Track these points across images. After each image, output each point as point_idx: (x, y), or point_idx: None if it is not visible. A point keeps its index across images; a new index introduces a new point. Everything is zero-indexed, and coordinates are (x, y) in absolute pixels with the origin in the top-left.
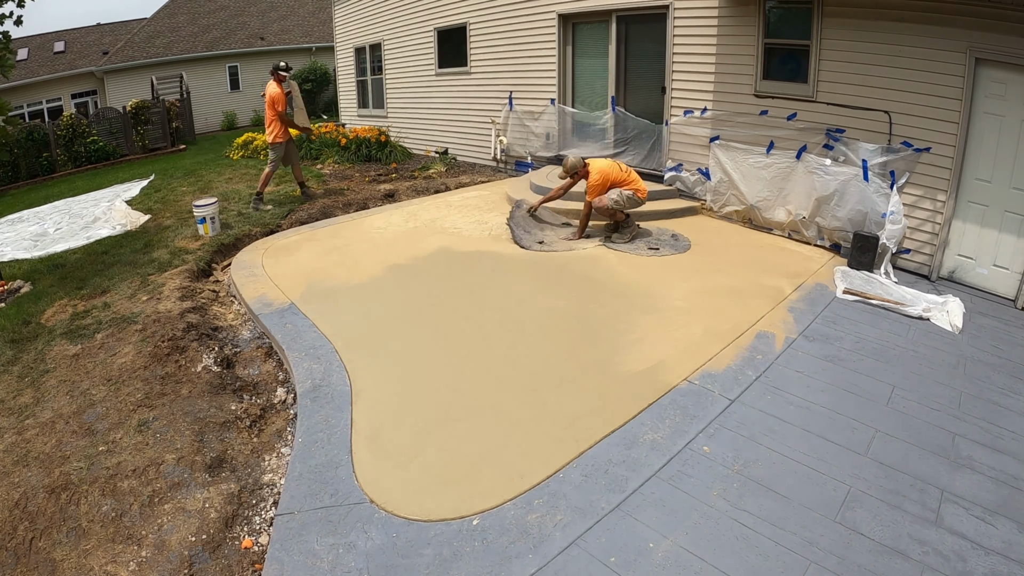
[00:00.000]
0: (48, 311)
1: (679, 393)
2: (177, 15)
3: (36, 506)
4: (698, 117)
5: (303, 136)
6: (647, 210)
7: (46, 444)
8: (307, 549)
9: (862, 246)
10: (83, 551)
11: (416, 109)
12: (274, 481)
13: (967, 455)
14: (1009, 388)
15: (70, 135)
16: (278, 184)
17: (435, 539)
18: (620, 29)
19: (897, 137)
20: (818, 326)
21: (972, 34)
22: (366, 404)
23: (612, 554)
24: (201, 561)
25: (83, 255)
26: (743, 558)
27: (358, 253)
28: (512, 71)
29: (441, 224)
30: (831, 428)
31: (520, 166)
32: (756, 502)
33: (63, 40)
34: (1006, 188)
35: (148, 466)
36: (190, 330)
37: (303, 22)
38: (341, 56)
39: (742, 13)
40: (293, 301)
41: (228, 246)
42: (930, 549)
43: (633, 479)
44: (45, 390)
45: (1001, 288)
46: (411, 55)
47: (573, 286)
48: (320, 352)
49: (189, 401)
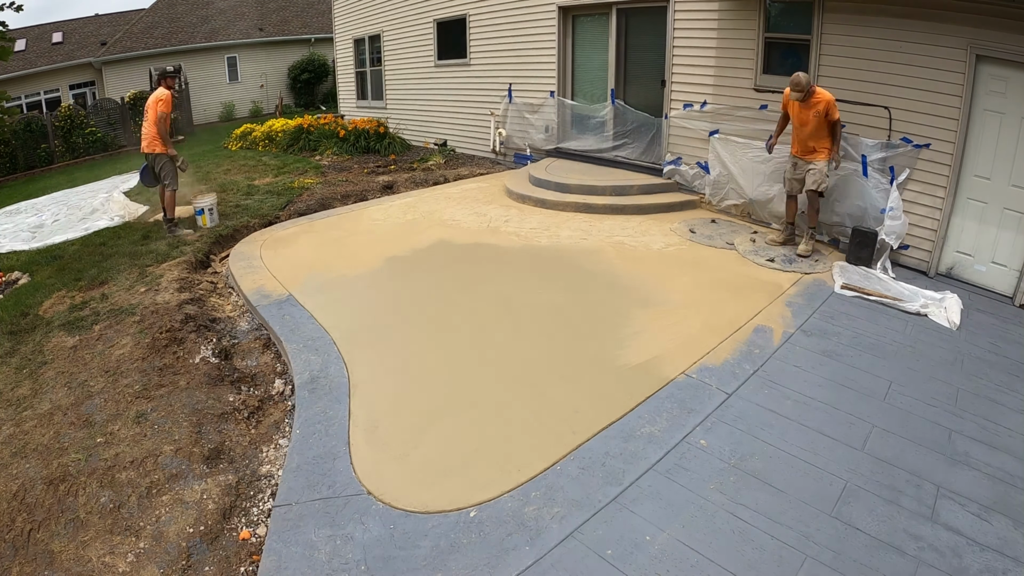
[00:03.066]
0: (46, 302)
1: (676, 387)
2: (176, 6)
3: (34, 498)
4: (698, 111)
5: (301, 128)
6: (646, 203)
7: (44, 436)
8: (305, 540)
9: (861, 242)
10: (81, 542)
11: (415, 101)
12: (272, 472)
13: (963, 451)
14: (1006, 385)
15: (68, 126)
16: (277, 175)
17: (432, 531)
18: (620, 21)
19: (897, 133)
20: (816, 321)
21: (973, 30)
22: (364, 396)
23: (609, 547)
24: (199, 552)
25: (81, 246)
26: (739, 551)
27: (356, 245)
28: (512, 63)
29: (440, 216)
30: (828, 423)
31: (519, 158)
32: (753, 496)
33: (61, 31)
34: (1005, 185)
35: (146, 457)
36: (188, 321)
37: (302, 13)
38: (340, 47)
39: (743, 7)
40: (291, 293)
41: (226, 237)
42: (925, 545)
43: (630, 472)
44: (43, 382)
45: (999, 285)
46: (410, 47)
47: (572, 279)
48: (318, 344)
49: (187, 392)
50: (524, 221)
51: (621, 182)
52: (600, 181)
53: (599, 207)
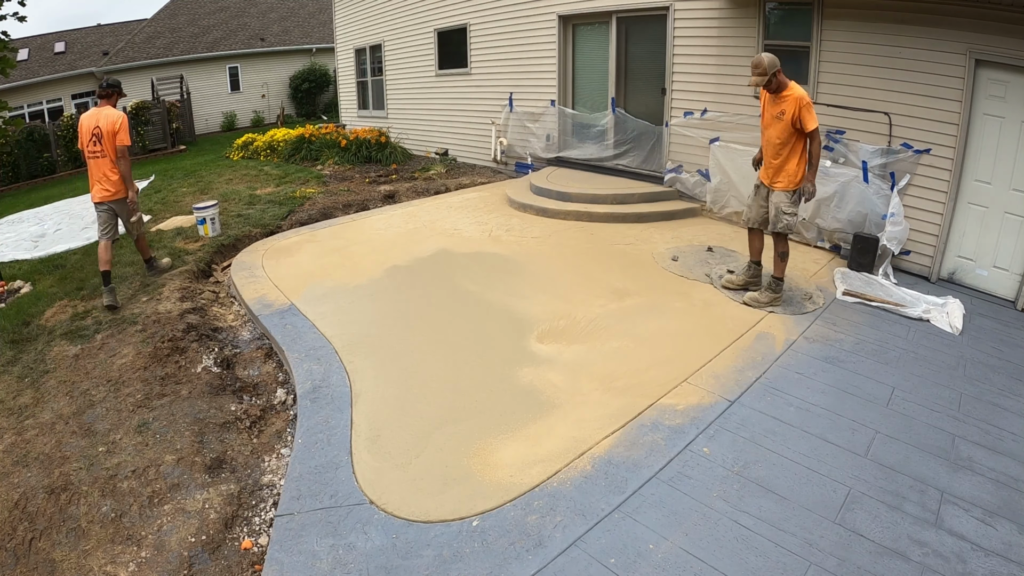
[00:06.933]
0: (48, 312)
1: (679, 394)
2: (177, 16)
3: (36, 507)
4: (698, 118)
5: (302, 138)
6: (647, 211)
7: (46, 445)
8: (307, 550)
9: (862, 247)
10: (83, 552)
11: (416, 110)
12: (274, 482)
13: (967, 456)
14: (1009, 389)
15: (71, 135)
16: (278, 185)
17: (435, 540)
18: (620, 30)
19: (897, 139)
20: (818, 327)
21: (972, 35)
22: (366, 405)
23: (612, 555)
24: (201, 562)
25: (83, 256)
26: (743, 559)
27: (358, 254)
28: (512, 72)
29: (441, 225)
30: (831, 429)
31: (520, 167)
32: (756, 503)
33: (63, 40)
34: (1006, 190)
35: (148, 467)
36: (190, 331)
37: (303, 23)
38: (342, 57)
39: (742, 14)
40: (293, 302)
41: (228, 247)
42: (930, 550)
43: (633, 480)
44: (45, 391)
45: (1001, 289)
46: (411, 56)
47: (574, 288)
48: (320, 353)
49: (189, 402)
50: (526, 230)
51: (622, 190)
52: (601, 190)
53: (600, 216)
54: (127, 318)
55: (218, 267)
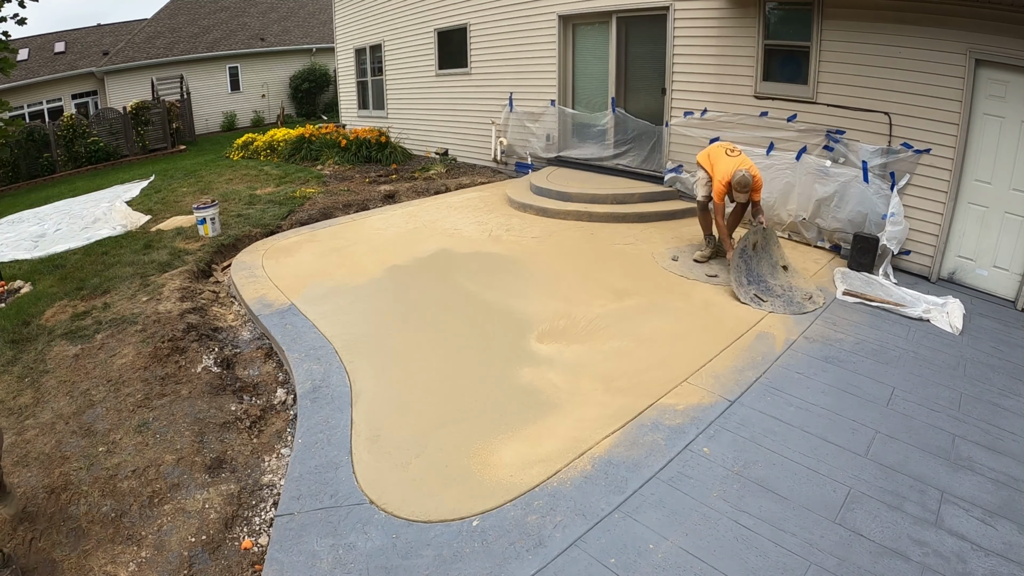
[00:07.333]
0: (48, 311)
1: (679, 394)
2: (177, 16)
3: (36, 506)
4: (698, 118)
5: (302, 138)
6: (647, 211)
7: (46, 444)
8: (307, 550)
9: (862, 247)
10: (83, 552)
11: (416, 110)
12: (274, 482)
13: (967, 456)
14: (1009, 389)
15: (70, 135)
16: (278, 185)
17: (435, 540)
18: (620, 30)
19: (897, 139)
20: (818, 327)
21: (972, 35)
22: (366, 405)
23: (612, 555)
24: (201, 562)
25: (83, 256)
26: (743, 559)
27: (358, 254)
28: (512, 72)
29: (441, 225)
30: (831, 429)
31: (520, 167)
32: (756, 503)
33: (63, 40)
34: (1006, 189)
35: (148, 467)
36: (190, 331)
37: (303, 23)
38: (342, 57)
39: (742, 14)
40: (293, 302)
41: (228, 247)
42: (930, 550)
43: (633, 480)
44: (45, 390)
45: (1001, 289)
46: (412, 56)
47: (574, 288)
48: (320, 353)
49: (189, 402)
50: (525, 230)
51: (622, 190)
52: (601, 189)
53: (600, 215)
54: (127, 318)
55: (218, 267)
